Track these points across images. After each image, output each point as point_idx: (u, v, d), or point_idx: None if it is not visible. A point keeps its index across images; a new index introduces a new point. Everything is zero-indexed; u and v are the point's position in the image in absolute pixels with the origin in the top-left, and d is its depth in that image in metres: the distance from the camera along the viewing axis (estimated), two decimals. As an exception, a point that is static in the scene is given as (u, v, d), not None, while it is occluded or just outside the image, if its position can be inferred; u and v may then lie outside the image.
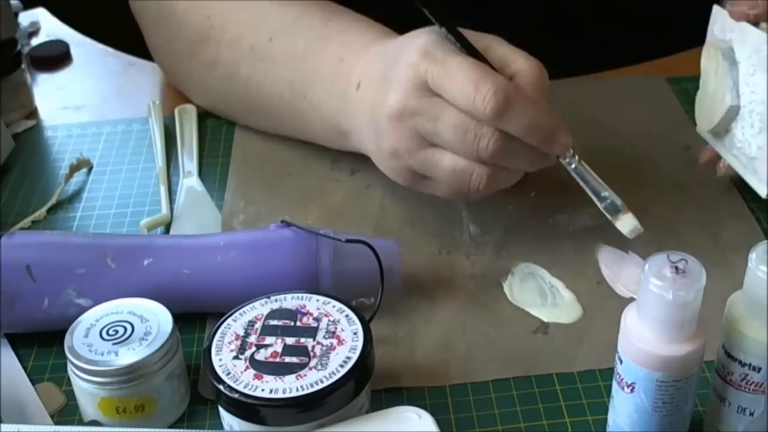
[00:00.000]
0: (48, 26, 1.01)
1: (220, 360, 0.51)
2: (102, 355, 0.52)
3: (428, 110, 0.60)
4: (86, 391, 0.53)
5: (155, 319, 0.54)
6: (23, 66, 0.85)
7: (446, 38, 0.62)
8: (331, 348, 0.52)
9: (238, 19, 0.75)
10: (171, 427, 0.55)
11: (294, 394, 0.49)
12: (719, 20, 0.68)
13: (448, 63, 0.59)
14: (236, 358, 0.51)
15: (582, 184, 0.63)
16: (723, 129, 0.67)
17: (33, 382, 0.58)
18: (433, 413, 0.49)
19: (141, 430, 0.52)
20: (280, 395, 0.49)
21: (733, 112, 0.65)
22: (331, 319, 0.54)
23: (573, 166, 0.62)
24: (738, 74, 0.65)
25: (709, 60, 0.69)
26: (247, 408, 0.50)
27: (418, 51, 0.61)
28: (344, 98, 0.68)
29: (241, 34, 0.74)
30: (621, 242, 0.66)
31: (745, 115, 0.65)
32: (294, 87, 0.72)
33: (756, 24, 0.65)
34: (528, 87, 0.61)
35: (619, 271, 0.64)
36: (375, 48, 0.67)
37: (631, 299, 0.54)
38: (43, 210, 0.72)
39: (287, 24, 0.73)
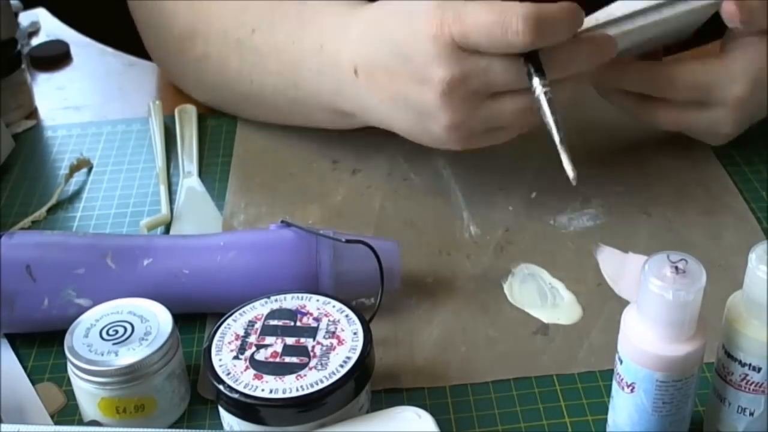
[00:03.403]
0: (48, 26, 1.01)
1: (220, 360, 0.51)
2: (102, 355, 0.52)
3: (473, 70, 0.60)
4: (86, 391, 0.53)
5: (155, 319, 0.54)
6: (23, 66, 0.85)
7: None
8: (331, 348, 0.52)
9: (222, 12, 0.74)
10: (171, 427, 0.55)
11: (294, 394, 0.49)
12: None
13: (464, 17, 0.59)
14: (236, 358, 0.51)
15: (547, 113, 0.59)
16: None
17: (33, 382, 0.58)
18: (433, 413, 0.49)
19: (141, 430, 0.52)
20: (280, 395, 0.49)
21: None
22: (331, 319, 0.54)
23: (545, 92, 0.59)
24: None
25: None
26: (247, 408, 0.50)
27: (433, 18, 0.59)
28: (340, 84, 0.67)
29: (227, 28, 0.74)
30: (621, 243, 0.66)
31: None
32: (284, 77, 0.72)
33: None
34: None
35: (619, 271, 0.64)
36: (356, 29, 0.66)
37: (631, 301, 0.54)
38: (43, 210, 0.72)
39: (266, 15, 0.72)
